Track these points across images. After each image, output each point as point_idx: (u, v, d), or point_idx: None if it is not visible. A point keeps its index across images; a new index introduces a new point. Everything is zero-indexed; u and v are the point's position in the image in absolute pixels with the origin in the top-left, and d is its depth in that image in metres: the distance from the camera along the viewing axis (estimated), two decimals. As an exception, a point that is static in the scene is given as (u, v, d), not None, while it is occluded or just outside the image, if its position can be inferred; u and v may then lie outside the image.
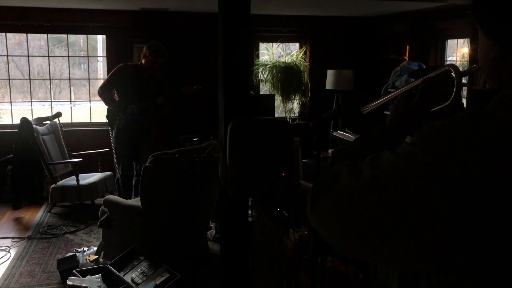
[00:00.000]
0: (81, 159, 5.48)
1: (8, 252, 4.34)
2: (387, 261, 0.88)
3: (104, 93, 5.02)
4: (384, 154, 0.86)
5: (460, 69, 1.14)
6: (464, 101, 4.79)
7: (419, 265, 0.83)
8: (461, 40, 5.95)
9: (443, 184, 0.75)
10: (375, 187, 0.82)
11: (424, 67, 1.22)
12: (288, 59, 6.97)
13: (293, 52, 7.17)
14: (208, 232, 4.53)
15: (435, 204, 0.76)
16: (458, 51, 6.08)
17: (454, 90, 1.09)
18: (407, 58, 6.24)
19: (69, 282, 3.37)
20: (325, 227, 0.90)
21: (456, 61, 6.08)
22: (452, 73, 1.11)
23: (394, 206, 0.79)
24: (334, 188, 0.88)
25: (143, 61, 4.96)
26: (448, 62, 6.16)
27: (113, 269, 3.49)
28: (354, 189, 0.85)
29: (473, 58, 5.12)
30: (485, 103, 0.85)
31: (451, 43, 6.13)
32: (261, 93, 7.05)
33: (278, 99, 6.88)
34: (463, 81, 5.77)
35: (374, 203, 0.81)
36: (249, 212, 3.34)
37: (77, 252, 4.05)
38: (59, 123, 5.87)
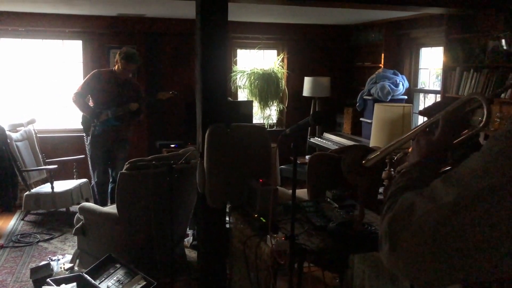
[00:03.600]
0: (56, 166, 5.39)
1: (-20, 261, 4.24)
2: (487, 275, 0.81)
3: (78, 99, 4.96)
4: (458, 172, 0.84)
5: (435, 77, 1.21)
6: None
7: None
8: (434, 49, 6.08)
9: None
10: (468, 202, 0.79)
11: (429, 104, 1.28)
12: (265, 66, 7.01)
13: (270, 59, 7.22)
14: (186, 239, 4.50)
15: None
16: (432, 60, 6.21)
17: (485, 116, 1.13)
18: (382, 66, 6.35)
19: (43, 291, 3.30)
20: (413, 262, 0.84)
21: (430, 69, 6.21)
22: (474, 103, 1.16)
23: (495, 214, 0.76)
24: (415, 218, 0.84)
25: (116, 67, 4.93)
26: (421, 70, 6.28)
27: (88, 278, 3.43)
28: (440, 212, 0.81)
29: (446, 66, 5.24)
30: None
31: (425, 51, 6.26)
32: (239, 99, 7.07)
33: (256, 106, 6.91)
34: (437, 88, 5.88)
35: (472, 218, 0.78)
36: (227, 218, 3.34)
37: (52, 260, 3.98)
38: (34, 129, 5.77)
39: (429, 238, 0.82)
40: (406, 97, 6.04)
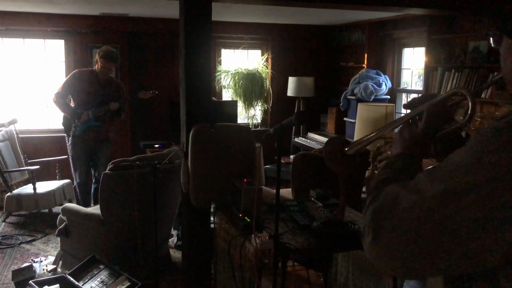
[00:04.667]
0: (38, 166, 5.33)
1: (-40, 264, 4.17)
2: (467, 267, 0.84)
3: (59, 100, 4.90)
4: (443, 166, 0.86)
5: (417, 77, 1.23)
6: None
7: (504, 259, 0.81)
8: (417, 49, 6.15)
9: None
10: (451, 197, 0.81)
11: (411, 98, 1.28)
12: (250, 66, 7.02)
13: (255, 59, 7.23)
14: (170, 240, 4.49)
15: None
16: (414, 60, 6.28)
17: (470, 110, 1.15)
18: (365, 66, 6.40)
19: (25, 294, 3.27)
20: (395, 254, 0.86)
21: (412, 69, 6.28)
22: (457, 97, 1.18)
23: (478, 209, 0.79)
24: (398, 210, 0.86)
25: (96, 66, 4.89)
26: (404, 70, 6.36)
27: (71, 279, 3.40)
28: (424, 205, 0.83)
29: (428, 66, 5.30)
30: None
31: (407, 51, 6.33)
32: (224, 99, 7.07)
33: (240, 106, 6.92)
34: (420, 88, 5.95)
35: (455, 212, 0.80)
36: (211, 218, 3.34)
37: (34, 262, 3.93)
38: (15, 129, 5.70)
39: (413, 230, 0.83)
40: (389, 97, 6.10)
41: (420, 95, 1.39)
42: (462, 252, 0.81)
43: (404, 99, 6.35)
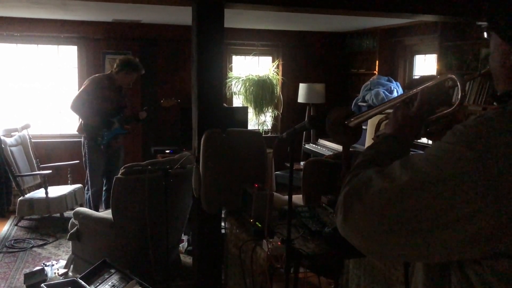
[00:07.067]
0: (50, 171, 5.37)
1: (-27, 266, 4.21)
2: (428, 256, 0.88)
3: (85, 109, 4.75)
4: (416, 156, 0.89)
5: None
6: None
7: (463, 255, 0.85)
8: (428, 56, 6.13)
9: (488, 175, 0.79)
10: (417, 187, 0.84)
11: (414, 78, 1.30)
12: (261, 73, 7.04)
13: (265, 66, 7.25)
14: (180, 245, 4.50)
15: (480, 195, 0.79)
16: (426, 66, 6.26)
17: (460, 96, 1.17)
18: (376, 73, 6.39)
19: (37, 297, 3.28)
20: (362, 234, 0.91)
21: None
22: (451, 82, 1.21)
23: (440, 202, 0.82)
24: (368, 194, 0.90)
25: (117, 75, 4.84)
26: (415, 77, 6.33)
27: (82, 283, 3.41)
28: (392, 192, 0.87)
29: (440, 73, 5.28)
30: (505, 103, 0.92)
31: (419, 58, 6.31)
32: (234, 105, 7.09)
33: (251, 112, 6.93)
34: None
35: (418, 202, 0.84)
36: (222, 223, 3.34)
37: (46, 266, 3.96)
38: (28, 134, 5.76)
39: (378, 215, 0.88)
40: (400, 103, 6.06)
41: (424, 76, 1.42)
42: (418, 241, 0.85)
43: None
